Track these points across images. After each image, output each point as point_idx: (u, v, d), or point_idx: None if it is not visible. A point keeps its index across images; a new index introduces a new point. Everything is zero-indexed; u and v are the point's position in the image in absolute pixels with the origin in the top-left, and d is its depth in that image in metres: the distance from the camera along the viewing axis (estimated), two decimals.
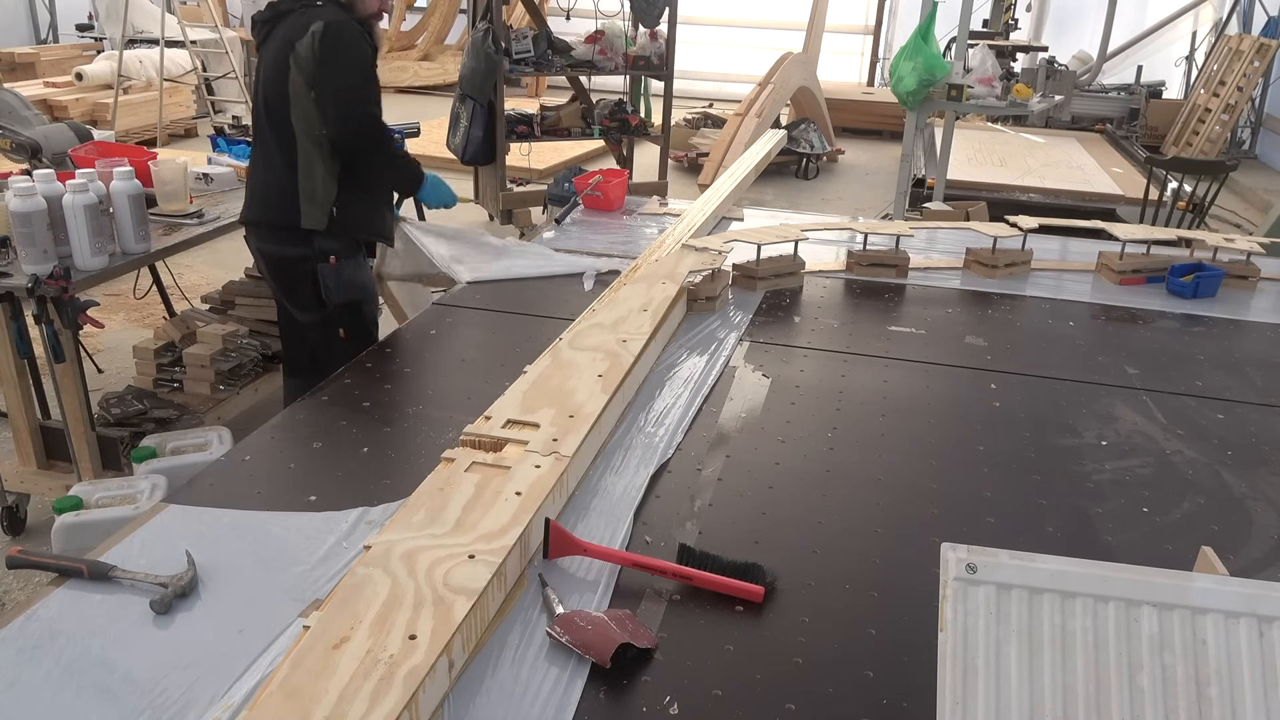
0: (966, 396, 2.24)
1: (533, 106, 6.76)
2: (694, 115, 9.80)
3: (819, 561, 1.57)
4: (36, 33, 11.74)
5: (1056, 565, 1.04)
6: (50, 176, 2.86)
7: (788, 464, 1.88)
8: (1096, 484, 1.87)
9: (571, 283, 2.84)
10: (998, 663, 0.99)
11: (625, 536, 1.60)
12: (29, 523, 3.32)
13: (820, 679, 1.31)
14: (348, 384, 2.14)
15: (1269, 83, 9.96)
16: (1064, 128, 9.89)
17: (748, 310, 2.68)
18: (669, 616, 1.41)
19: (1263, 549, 1.69)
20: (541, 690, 1.26)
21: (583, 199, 3.70)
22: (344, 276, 3.00)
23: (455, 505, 1.51)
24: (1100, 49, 7.51)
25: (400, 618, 1.26)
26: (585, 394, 1.91)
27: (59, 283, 2.75)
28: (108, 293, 5.04)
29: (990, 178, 7.22)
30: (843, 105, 10.99)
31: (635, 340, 2.15)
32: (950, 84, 5.72)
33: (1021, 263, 3.13)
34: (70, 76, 9.11)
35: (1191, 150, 9.57)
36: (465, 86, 5.98)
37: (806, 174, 9.12)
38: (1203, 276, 2.98)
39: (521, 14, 9.62)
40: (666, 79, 6.37)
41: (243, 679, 1.25)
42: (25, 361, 3.16)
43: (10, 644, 1.31)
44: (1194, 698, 0.97)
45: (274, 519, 1.61)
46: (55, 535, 2.34)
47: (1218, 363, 2.49)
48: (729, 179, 3.80)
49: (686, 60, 7.74)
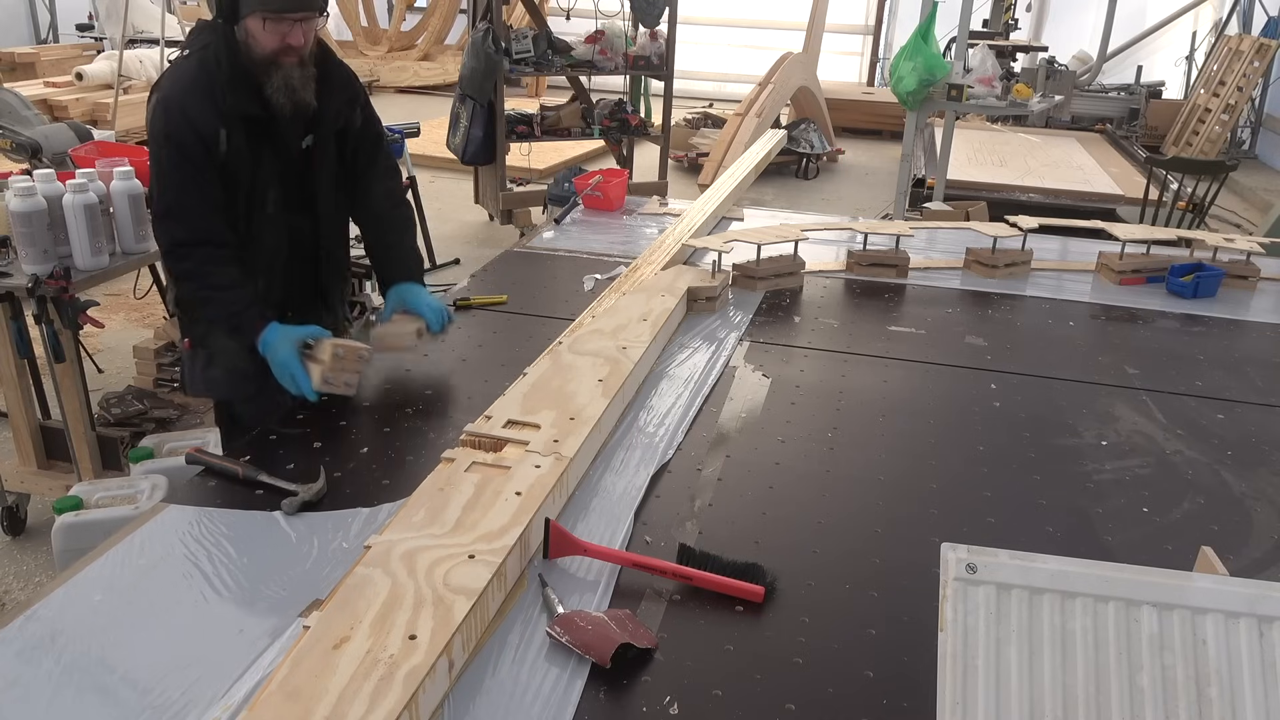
0: (966, 396, 2.24)
1: (533, 106, 6.76)
2: (694, 115, 9.79)
3: (819, 561, 1.57)
4: (36, 33, 11.73)
5: (1056, 565, 1.04)
6: (50, 176, 2.86)
7: (788, 464, 1.88)
8: (1096, 484, 1.87)
9: (572, 283, 2.84)
10: (998, 663, 0.99)
11: (625, 536, 1.60)
12: (29, 523, 3.32)
13: (820, 679, 1.31)
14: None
15: (1269, 83, 9.96)
16: (1064, 128, 9.88)
17: (748, 310, 2.68)
18: (669, 616, 1.41)
19: (1263, 549, 1.69)
20: (541, 690, 1.26)
21: (583, 199, 3.70)
22: (196, 369, 2.36)
23: (455, 505, 1.52)
24: (1100, 49, 7.50)
25: (400, 618, 1.26)
26: (586, 397, 1.91)
27: (59, 283, 2.75)
28: (108, 293, 5.04)
29: (990, 178, 7.21)
30: (843, 105, 10.99)
31: (635, 348, 2.15)
32: (950, 84, 5.72)
33: (1021, 263, 3.13)
34: (70, 76, 9.10)
35: (1191, 150, 9.56)
36: (465, 86, 5.98)
37: (806, 174, 9.12)
38: (1203, 276, 2.98)
39: (521, 14, 9.62)
40: (666, 79, 6.37)
41: (243, 679, 1.25)
42: (25, 361, 3.16)
43: (10, 644, 1.31)
44: (1194, 698, 0.97)
45: (274, 519, 1.61)
46: (55, 535, 2.34)
47: (1218, 363, 2.49)
48: (729, 179, 3.80)
49: (686, 60, 7.74)
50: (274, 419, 1.98)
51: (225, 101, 2.05)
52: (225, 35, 2.07)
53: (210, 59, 2.07)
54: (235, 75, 2.06)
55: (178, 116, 2.03)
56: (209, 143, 2.06)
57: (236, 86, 2.07)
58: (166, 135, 2.04)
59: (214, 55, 2.06)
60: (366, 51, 12.84)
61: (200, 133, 2.04)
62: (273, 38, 2.02)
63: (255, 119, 2.10)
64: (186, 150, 2.04)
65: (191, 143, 2.04)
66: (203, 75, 2.06)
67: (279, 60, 2.06)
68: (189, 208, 2.08)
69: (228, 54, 2.06)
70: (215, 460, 1.77)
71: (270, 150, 2.16)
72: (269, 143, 2.15)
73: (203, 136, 2.04)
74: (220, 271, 2.10)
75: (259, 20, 2.01)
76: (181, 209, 2.07)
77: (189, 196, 2.07)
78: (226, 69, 2.06)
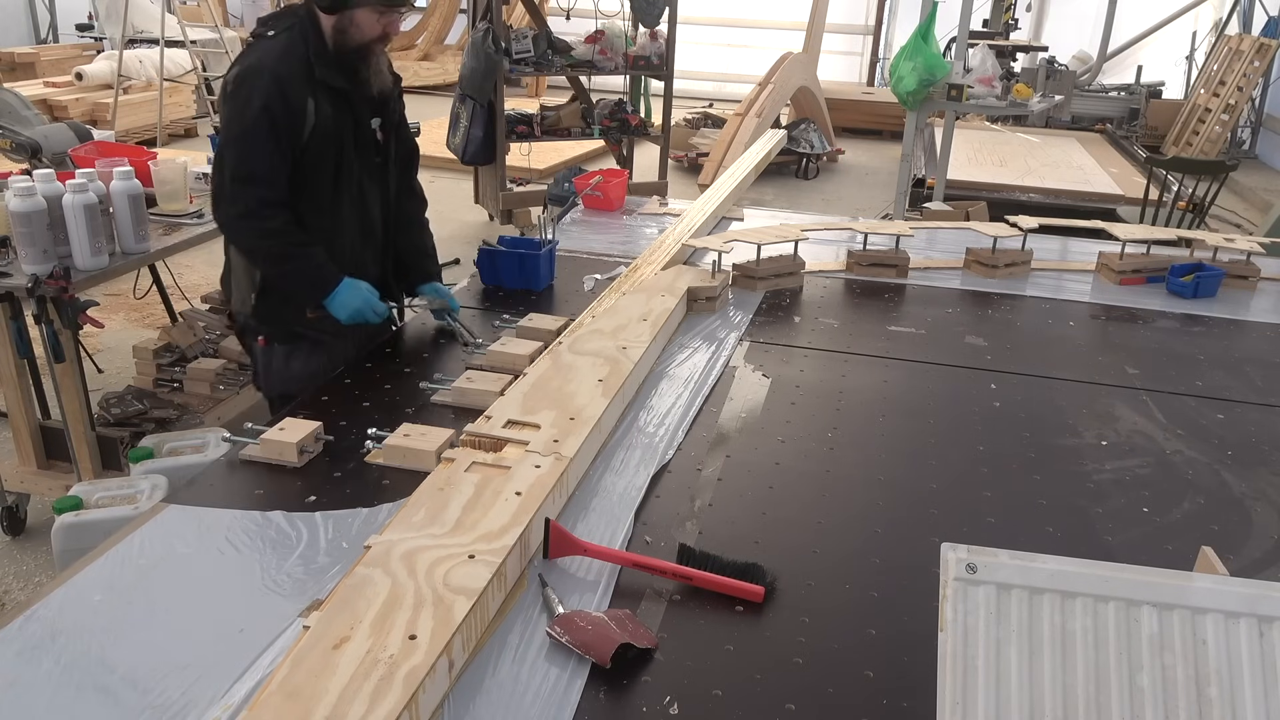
0: (966, 396, 2.24)
1: (533, 106, 6.76)
2: (694, 115, 9.80)
3: (819, 561, 1.57)
4: (36, 33, 11.73)
5: (1056, 565, 1.04)
6: (50, 176, 2.86)
7: (788, 464, 1.88)
8: (1096, 484, 1.87)
9: (572, 283, 2.83)
10: (998, 663, 0.99)
11: (625, 536, 1.60)
12: (29, 523, 3.32)
13: (820, 679, 1.31)
14: (347, 384, 2.14)
15: (1269, 82, 9.96)
16: (1064, 128, 9.88)
17: (748, 310, 2.68)
18: (669, 616, 1.41)
19: (1263, 549, 1.69)
20: (541, 690, 1.26)
21: (583, 199, 3.70)
22: (274, 366, 2.49)
23: (455, 505, 1.51)
24: (1100, 49, 7.51)
25: (400, 618, 1.26)
26: (586, 397, 1.91)
27: (59, 283, 2.75)
28: (108, 293, 5.04)
29: (990, 178, 7.21)
30: (843, 105, 10.99)
31: (635, 348, 2.15)
32: (950, 84, 5.72)
33: (1021, 263, 3.13)
34: (70, 76, 9.10)
35: (1191, 150, 9.57)
36: (465, 86, 5.98)
37: (806, 174, 9.12)
38: (1203, 276, 2.98)
39: (521, 14, 9.62)
40: (666, 79, 6.37)
41: (243, 679, 1.25)
42: (25, 361, 3.16)
43: (10, 644, 1.31)
44: (1194, 698, 0.97)
45: (274, 519, 1.61)
46: (55, 535, 2.34)
47: (1218, 362, 2.49)
48: (729, 179, 3.80)
49: (686, 60, 7.73)
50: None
51: (317, 73, 2.22)
52: (311, 18, 2.24)
53: (298, 37, 2.24)
54: (322, 52, 2.24)
55: (270, 84, 2.17)
56: (297, 112, 2.20)
57: (326, 61, 2.24)
58: (262, 104, 2.16)
59: (300, 34, 2.24)
60: None
61: (291, 101, 2.18)
62: (377, 26, 2.23)
63: (340, 93, 2.27)
64: (277, 118, 2.17)
65: (282, 111, 2.18)
66: (294, 49, 2.23)
67: (373, 47, 2.27)
68: (277, 170, 2.22)
69: (316, 34, 2.24)
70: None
71: (350, 126, 2.32)
72: (350, 118, 2.31)
73: (293, 105, 2.19)
74: (299, 234, 2.28)
75: (371, 11, 2.20)
76: (272, 172, 2.21)
77: (278, 160, 2.21)
78: (315, 46, 2.23)
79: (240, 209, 2.24)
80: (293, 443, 1.77)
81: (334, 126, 2.27)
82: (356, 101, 2.32)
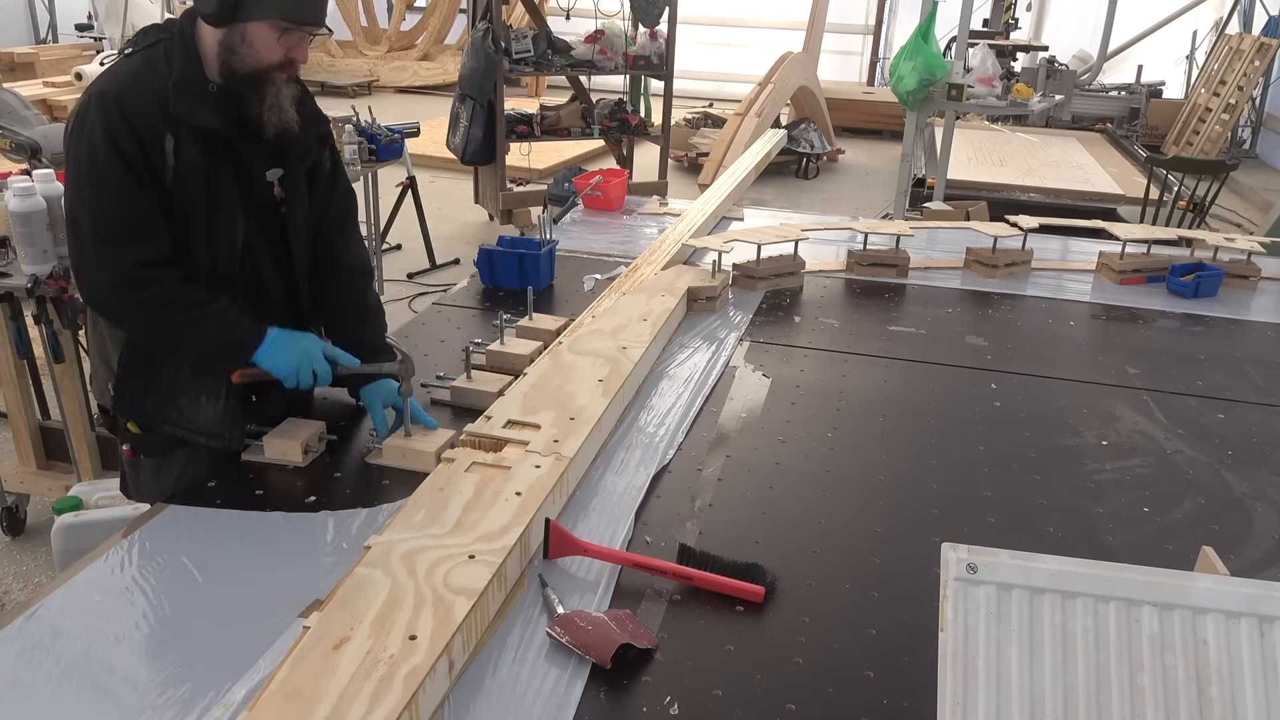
0: (967, 396, 2.24)
1: (533, 106, 6.76)
2: (694, 115, 9.79)
3: (819, 561, 1.57)
4: (36, 33, 11.73)
5: (1057, 565, 1.03)
6: (50, 176, 2.85)
7: (788, 464, 1.88)
8: (1097, 484, 1.87)
9: (572, 282, 2.83)
10: (998, 663, 0.99)
11: (625, 536, 1.60)
12: (29, 523, 3.32)
13: (820, 679, 1.31)
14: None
15: (1269, 82, 9.96)
16: (1064, 127, 9.88)
17: (748, 310, 2.68)
18: (669, 616, 1.41)
19: (1263, 549, 1.69)
20: (541, 690, 1.26)
21: (583, 199, 3.70)
22: (142, 481, 1.95)
23: (455, 505, 1.51)
24: (1100, 49, 7.50)
25: (400, 618, 1.26)
26: (586, 397, 1.91)
27: (59, 283, 2.75)
28: None
29: (990, 177, 7.22)
30: (843, 105, 10.99)
31: (635, 348, 2.15)
32: (950, 84, 5.72)
33: (1022, 262, 3.13)
34: (70, 76, 9.09)
35: (1192, 150, 9.56)
36: (465, 86, 5.98)
37: (806, 174, 9.12)
38: (1203, 276, 2.98)
39: (521, 14, 9.61)
40: (666, 79, 6.37)
41: (243, 679, 1.25)
42: (25, 361, 3.16)
43: (10, 644, 1.31)
44: (1194, 698, 0.97)
45: (274, 519, 1.61)
46: (55, 535, 2.35)
47: (1218, 362, 2.49)
48: (729, 179, 3.80)
49: (686, 60, 7.73)
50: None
51: (172, 106, 1.68)
52: (183, 35, 1.72)
53: (159, 57, 1.71)
54: (188, 78, 1.70)
55: (112, 111, 1.64)
56: (151, 150, 1.67)
57: (187, 91, 1.69)
58: (105, 138, 1.64)
59: (163, 54, 1.72)
60: (366, 51, 12.84)
61: (140, 136, 1.66)
62: (278, 49, 1.70)
63: (211, 134, 1.72)
64: (127, 156, 1.65)
65: (132, 149, 1.65)
66: (148, 73, 1.70)
67: (272, 75, 1.72)
68: (147, 216, 1.69)
69: (183, 55, 1.71)
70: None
71: (231, 177, 1.77)
72: (230, 167, 1.76)
73: (143, 141, 1.66)
74: (196, 290, 1.74)
75: (271, 28, 1.68)
76: (139, 219, 1.68)
77: (145, 205, 1.68)
78: (179, 69, 1.70)
79: (113, 277, 1.68)
80: (297, 442, 1.77)
81: (203, 176, 1.72)
82: (240, 146, 1.76)
